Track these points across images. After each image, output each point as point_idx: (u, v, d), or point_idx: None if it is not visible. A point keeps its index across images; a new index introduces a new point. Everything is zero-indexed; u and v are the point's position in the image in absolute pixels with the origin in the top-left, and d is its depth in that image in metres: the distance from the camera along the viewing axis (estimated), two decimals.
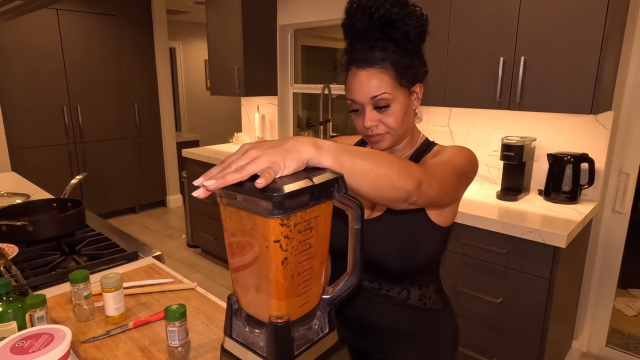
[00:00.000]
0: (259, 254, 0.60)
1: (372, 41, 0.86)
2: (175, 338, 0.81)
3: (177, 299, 1.09)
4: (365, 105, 0.89)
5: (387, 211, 0.94)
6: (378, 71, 0.86)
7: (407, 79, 0.89)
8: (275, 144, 0.60)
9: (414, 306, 0.97)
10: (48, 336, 0.74)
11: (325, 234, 0.65)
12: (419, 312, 0.98)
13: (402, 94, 0.89)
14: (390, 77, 0.86)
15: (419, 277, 0.97)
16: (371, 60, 0.86)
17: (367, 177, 0.65)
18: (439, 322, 1.01)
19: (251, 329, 0.66)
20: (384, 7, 0.84)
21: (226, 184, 0.55)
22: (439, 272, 1.04)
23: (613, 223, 2.11)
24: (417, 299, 0.97)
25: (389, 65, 0.86)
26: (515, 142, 1.97)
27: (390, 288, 0.96)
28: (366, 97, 0.87)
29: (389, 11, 0.84)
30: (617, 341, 2.34)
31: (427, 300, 0.98)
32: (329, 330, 0.70)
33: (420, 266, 0.95)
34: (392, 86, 0.87)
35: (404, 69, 0.87)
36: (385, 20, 0.84)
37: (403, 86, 0.88)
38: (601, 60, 1.64)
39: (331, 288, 0.70)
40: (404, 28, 0.85)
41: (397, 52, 0.86)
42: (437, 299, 1.00)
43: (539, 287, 1.69)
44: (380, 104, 0.87)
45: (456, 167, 0.84)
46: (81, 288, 0.95)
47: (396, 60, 0.86)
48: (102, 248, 1.43)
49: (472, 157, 0.91)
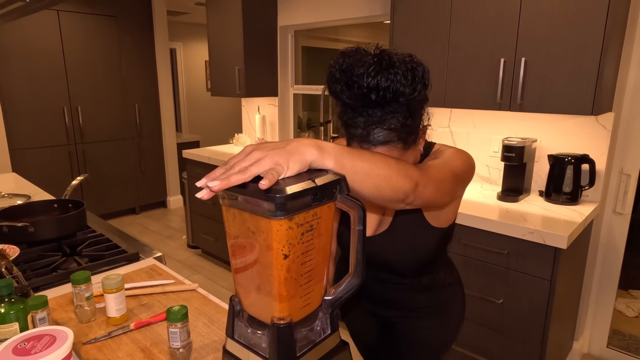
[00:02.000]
0: (261, 255, 0.60)
1: (372, 116, 0.79)
2: (177, 339, 0.81)
3: (178, 300, 1.09)
4: None
5: (391, 226, 0.99)
6: (385, 149, 0.82)
7: (413, 141, 0.85)
8: (278, 146, 0.60)
9: (426, 286, 1.09)
10: (50, 337, 0.74)
11: (328, 235, 0.65)
12: (431, 290, 1.09)
13: (411, 149, 0.87)
14: (398, 149, 0.83)
15: (427, 269, 1.07)
16: (376, 141, 0.81)
17: (368, 179, 0.66)
18: (448, 295, 1.13)
19: (253, 330, 0.66)
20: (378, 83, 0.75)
21: (230, 185, 0.55)
22: (447, 253, 1.15)
23: (614, 224, 2.11)
24: (427, 282, 1.09)
25: (393, 137, 0.81)
26: (515, 143, 1.97)
27: (402, 279, 1.08)
28: None
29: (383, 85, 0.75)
30: (618, 342, 2.33)
31: (436, 281, 1.10)
32: (331, 332, 0.70)
33: (425, 263, 1.04)
34: (400, 154, 0.84)
35: (407, 134, 0.82)
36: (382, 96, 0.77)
37: (409, 146, 0.85)
38: (602, 61, 1.64)
39: (333, 289, 0.70)
40: (412, 103, 0.81)
41: (402, 123, 0.80)
42: (446, 276, 1.12)
43: (540, 288, 1.69)
44: None
45: (453, 169, 0.85)
46: (82, 289, 0.95)
47: (401, 133, 0.81)
48: (103, 249, 1.43)
49: (469, 159, 0.92)
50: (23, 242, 1.39)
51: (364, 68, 0.75)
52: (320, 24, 3.19)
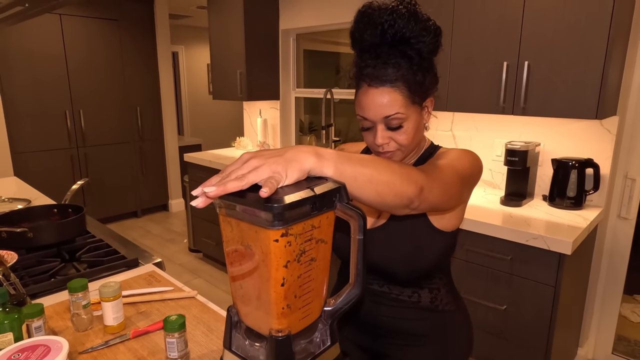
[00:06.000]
0: (259, 265, 0.58)
1: (384, 57, 0.83)
2: (174, 349, 0.80)
3: (177, 307, 1.07)
4: (377, 124, 0.87)
5: (391, 218, 0.94)
6: (391, 90, 0.83)
7: (420, 95, 0.87)
8: (276, 154, 0.58)
9: (426, 308, 0.97)
10: (44, 348, 0.73)
11: (327, 244, 0.64)
12: (431, 314, 0.98)
13: (415, 112, 0.87)
14: (404, 97, 0.84)
15: (427, 281, 0.97)
16: (383, 78, 0.83)
17: (369, 185, 0.64)
18: (451, 324, 1.01)
19: (251, 342, 0.65)
20: (398, 24, 0.81)
21: (227, 191, 0.54)
22: (450, 274, 1.04)
23: (619, 229, 2.08)
24: (428, 302, 0.97)
25: (401, 84, 0.83)
26: (519, 147, 1.95)
27: (400, 292, 0.97)
28: (379, 117, 0.85)
29: (402, 28, 0.81)
30: (624, 348, 2.31)
31: (438, 302, 0.98)
32: (331, 343, 0.69)
33: (426, 271, 0.95)
34: (405, 105, 0.84)
35: (416, 86, 0.85)
36: (398, 37, 0.82)
37: (415, 104, 0.86)
38: (606, 64, 1.62)
39: (333, 300, 0.68)
40: (418, 45, 0.83)
41: (410, 69, 0.84)
42: (449, 300, 1.00)
43: (544, 294, 1.67)
44: (393, 124, 0.85)
45: (459, 171, 0.83)
46: (80, 297, 0.94)
47: (409, 78, 0.84)
48: (103, 255, 1.42)
49: (475, 160, 0.90)
50: (22, 247, 1.38)
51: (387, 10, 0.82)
52: (322, 27, 3.18)
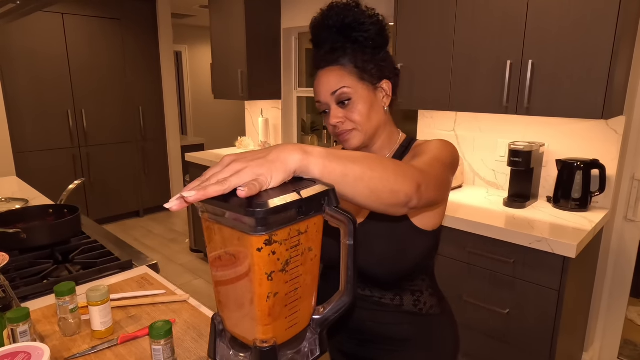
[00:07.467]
0: (242, 272, 0.55)
1: (331, 43, 0.89)
2: (160, 357, 0.77)
3: (168, 312, 1.05)
4: (330, 104, 0.90)
5: (369, 217, 0.91)
6: (336, 68, 0.88)
7: (369, 73, 0.89)
8: (259, 156, 0.55)
9: (409, 312, 0.95)
10: (25, 355, 0.70)
11: (316, 251, 0.61)
12: (415, 318, 0.96)
13: (365, 89, 0.89)
14: (349, 72, 0.88)
15: (409, 283, 0.95)
16: (330, 60, 0.89)
17: (361, 182, 0.61)
18: (436, 327, 0.98)
19: (235, 352, 0.62)
20: (338, 15, 0.88)
21: (207, 196, 0.51)
22: (434, 276, 1.01)
23: (625, 231, 2.04)
24: (411, 305, 0.95)
25: (347, 62, 0.88)
26: (522, 147, 1.91)
27: (383, 295, 0.94)
28: (327, 94, 0.89)
29: (344, 18, 0.88)
30: (630, 352, 2.26)
31: (422, 305, 0.96)
32: (320, 353, 0.66)
33: (408, 272, 0.93)
34: (351, 80, 0.88)
35: (363, 63, 0.88)
36: (340, 24, 0.88)
37: (365, 81, 0.89)
38: (612, 63, 1.58)
39: (322, 308, 0.65)
40: (360, 27, 0.88)
41: (356, 49, 0.89)
42: (433, 303, 0.98)
43: (548, 298, 1.63)
44: (342, 98, 0.88)
45: (445, 164, 0.82)
46: (67, 301, 0.91)
47: (356, 56, 0.88)
48: (96, 256, 1.40)
49: (454, 150, 0.90)
50: (15, 248, 1.36)
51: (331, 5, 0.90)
52: None
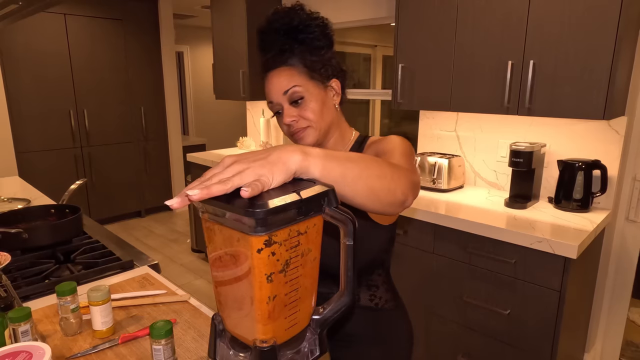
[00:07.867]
0: (242, 273, 0.56)
1: (280, 45, 0.91)
2: (161, 357, 0.77)
3: (168, 311, 1.05)
4: (282, 104, 0.91)
5: None
6: (286, 68, 0.90)
7: (318, 72, 0.92)
8: (260, 156, 0.56)
9: (365, 307, 0.97)
10: (26, 354, 0.71)
11: (315, 251, 0.61)
12: (370, 313, 0.98)
13: (315, 87, 0.91)
14: (299, 72, 0.90)
15: (365, 278, 0.97)
16: (279, 61, 0.91)
17: (359, 181, 0.62)
18: (390, 322, 1.01)
19: (235, 352, 0.62)
20: (284, 18, 0.91)
21: (210, 194, 0.51)
22: (389, 272, 1.03)
23: (627, 232, 2.03)
24: (367, 300, 0.97)
25: (296, 62, 0.90)
26: (524, 148, 1.91)
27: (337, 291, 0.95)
28: (279, 94, 0.90)
29: (289, 21, 0.91)
30: (631, 354, 2.26)
31: (377, 300, 0.98)
32: (320, 353, 0.66)
33: (364, 266, 0.95)
34: (302, 79, 0.90)
35: (312, 62, 0.91)
36: (287, 26, 0.91)
37: (315, 79, 0.91)
38: (614, 63, 1.58)
39: (321, 308, 0.65)
40: (306, 29, 0.91)
41: (303, 50, 0.91)
42: (388, 298, 1.00)
43: (549, 298, 1.63)
44: (295, 97, 0.90)
45: (411, 160, 0.85)
46: (68, 301, 0.92)
47: (304, 56, 0.91)
48: (98, 256, 1.40)
49: (410, 144, 0.92)
50: (17, 248, 1.37)
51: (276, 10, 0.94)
52: None
